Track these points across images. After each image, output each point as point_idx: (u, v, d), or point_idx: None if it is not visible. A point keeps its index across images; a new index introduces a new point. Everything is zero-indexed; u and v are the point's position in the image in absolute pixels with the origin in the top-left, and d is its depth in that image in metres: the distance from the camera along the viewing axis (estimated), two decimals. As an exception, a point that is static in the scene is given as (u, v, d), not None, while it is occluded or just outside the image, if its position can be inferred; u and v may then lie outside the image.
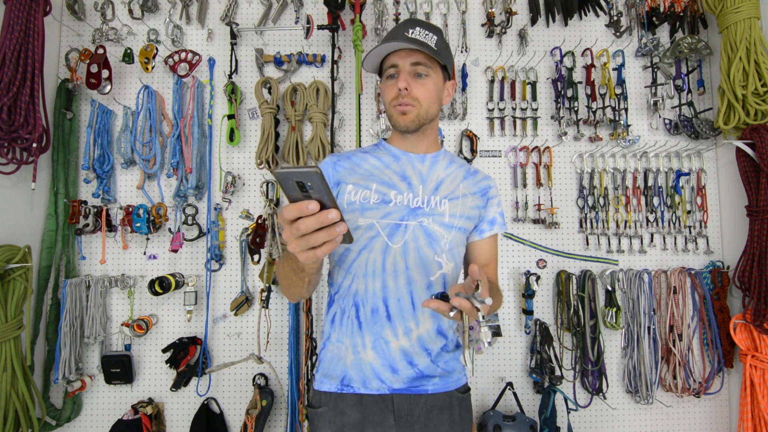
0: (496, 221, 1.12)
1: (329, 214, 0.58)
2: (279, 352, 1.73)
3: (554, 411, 1.62)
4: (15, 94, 1.45)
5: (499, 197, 1.14)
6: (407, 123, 1.03)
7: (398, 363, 0.99)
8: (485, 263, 1.12)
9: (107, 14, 1.78)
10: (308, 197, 0.59)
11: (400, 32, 1.02)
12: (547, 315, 1.78)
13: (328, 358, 1.04)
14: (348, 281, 1.03)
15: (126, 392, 1.71)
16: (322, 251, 0.62)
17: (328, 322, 1.07)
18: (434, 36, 1.04)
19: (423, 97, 1.03)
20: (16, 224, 1.56)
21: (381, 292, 1.00)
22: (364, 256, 1.01)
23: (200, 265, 1.74)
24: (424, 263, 1.01)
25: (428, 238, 1.02)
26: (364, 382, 1.00)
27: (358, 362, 1.00)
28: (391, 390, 1.00)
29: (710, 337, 1.70)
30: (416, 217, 1.02)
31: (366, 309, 1.00)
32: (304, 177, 0.56)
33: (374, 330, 0.99)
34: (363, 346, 1.00)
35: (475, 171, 1.15)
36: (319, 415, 1.01)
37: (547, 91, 1.84)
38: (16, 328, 1.44)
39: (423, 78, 1.03)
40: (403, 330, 0.99)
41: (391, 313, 0.99)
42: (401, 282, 1.00)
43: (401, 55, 1.03)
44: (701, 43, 1.74)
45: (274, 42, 1.82)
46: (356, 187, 1.04)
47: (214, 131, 1.77)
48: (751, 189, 1.58)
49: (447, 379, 1.04)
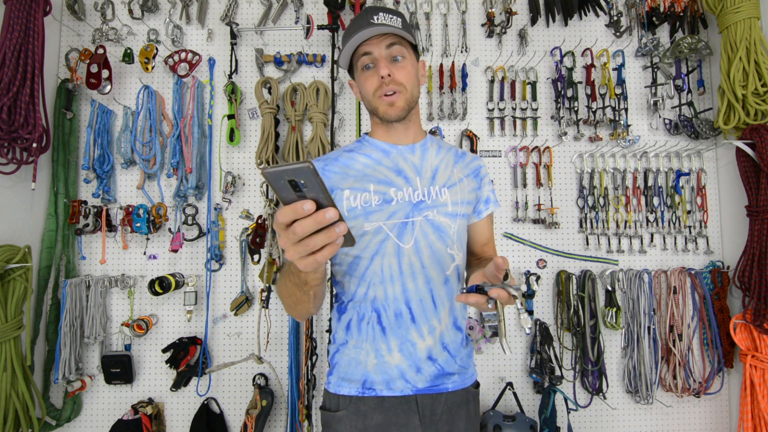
0: (491, 200, 1.13)
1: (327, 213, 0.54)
2: (279, 352, 1.73)
3: (554, 411, 1.62)
4: (15, 94, 1.45)
5: (489, 174, 1.14)
6: (398, 112, 1.00)
7: (423, 363, 0.99)
8: (485, 242, 1.12)
9: (107, 14, 1.78)
10: (303, 197, 0.54)
11: (364, 20, 0.99)
12: (547, 315, 1.78)
13: (345, 362, 1.02)
14: (363, 289, 1.00)
15: (126, 392, 1.71)
16: (322, 255, 0.57)
17: (342, 329, 1.04)
18: (398, 18, 1.01)
19: (406, 80, 1.00)
20: (16, 224, 1.56)
21: (402, 296, 0.98)
22: (378, 262, 0.98)
23: (200, 265, 1.74)
24: (438, 259, 1.00)
25: (437, 232, 1.01)
26: (387, 383, 0.99)
27: (381, 365, 0.98)
28: (415, 390, 0.99)
29: (710, 337, 1.70)
30: (420, 212, 1.00)
31: (389, 314, 0.98)
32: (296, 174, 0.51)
33: (399, 334, 0.98)
34: (388, 350, 0.98)
35: (463, 153, 1.15)
36: (338, 419, 0.99)
37: (547, 91, 1.84)
38: (16, 328, 1.44)
39: (401, 61, 1.00)
40: (428, 329, 0.99)
41: (415, 315, 0.98)
42: (420, 282, 0.99)
43: (373, 42, 0.99)
44: (701, 43, 1.74)
45: (274, 42, 1.82)
46: (354, 191, 1.00)
47: (214, 131, 1.77)
48: (751, 189, 1.58)
49: (464, 376, 1.05)
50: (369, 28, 0.97)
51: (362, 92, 1.05)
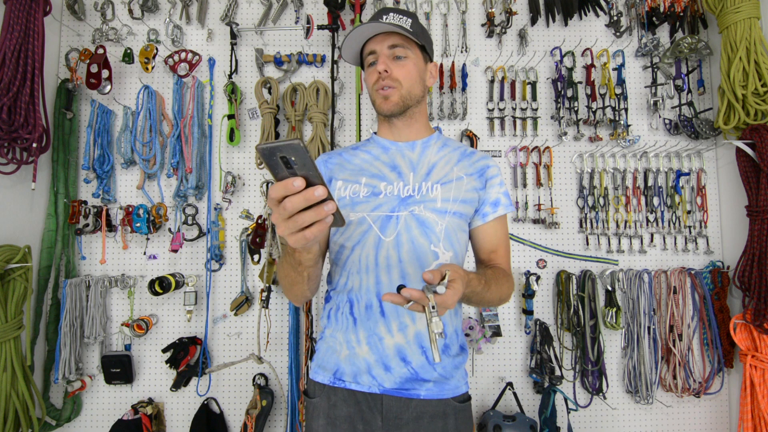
0: (500, 202, 1.05)
1: (316, 191, 0.57)
2: (279, 352, 1.73)
3: (554, 411, 1.62)
4: (15, 94, 1.45)
5: (501, 177, 1.07)
6: (391, 107, 1.03)
7: (392, 360, 0.96)
8: (493, 249, 1.05)
9: (107, 14, 1.78)
10: (294, 174, 0.57)
11: (374, 18, 1.04)
12: (547, 315, 1.78)
13: (324, 350, 1.04)
14: (344, 278, 1.02)
15: (126, 392, 1.71)
16: (311, 232, 0.60)
17: (325, 317, 1.07)
18: (408, 19, 1.04)
19: (403, 77, 1.02)
20: (16, 224, 1.56)
21: (374, 288, 0.97)
22: (357, 252, 0.99)
23: (200, 265, 1.74)
24: (418, 255, 0.98)
25: (421, 227, 0.98)
26: (355, 376, 0.98)
27: (351, 357, 0.99)
28: (382, 389, 0.96)
29: (710, 337, 1.70)
30: (407, 207, 0.99)
31: (360, 305, 0.99)
32: (287, 151, 0.54)
33: (368, 326, 0.98)
34: (357, 342, 0.98)
35: (473, 152, 1.11)
36: (314, 405, 1.01)
37: (547, 91, 1.84)
38: (16, 328, 1.44)
39: (402, 60, 1.03)
40: (397, 326, 0.96)
41: (385, 309, 0.97)
42: (395, 276, 0.97)
43: (378, 40, 1.03)
44: (701, 43, 1.74)
45: (274, 42, 1.82)
46: (345, 183, 1.03)
47: (214, 131, 1.77)
48: (751, 189, 1.58)
49: (443, 386, 0.98)
50: (374, 24, 1.01)
51: (366, 86, 1.09)
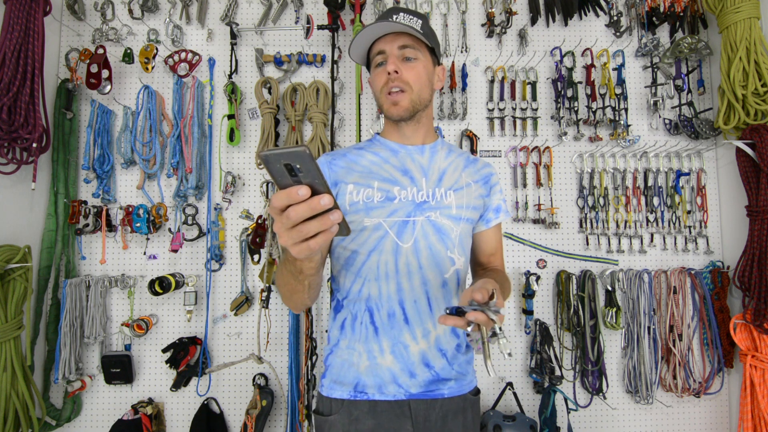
0: (501, 209, 1.10)
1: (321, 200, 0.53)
2: (279, 352, 1.73)
3: (554, 411, 1.62)
4: (15, 94, 1.45)
5: (500, 184, 1.13)
6: (400, 112, 1.00)
7: (417, 367, 0.97)
8: (492, 252, 1.10)
9: (107, 14, 1.78)
10: (298, 182, 0.54)
11: (384, 18, 1.01)
12: (547, 315, 1.78)
13: (338, 364, 1.01)
14: (358, 285, 0.99)
15: (126, 392, 1.71)
16: (315, 242, 0.56)
17: (336, 327, 1.03)
18: (419, 20, 1.01)
19: (414, 80, 0.99)
20: (16, 224, 1.56)
21: (396, 295, 0.96)
22: (375, 258, 0.97)
23: (200, 265, 1.74)
24: (437, 261, 0.98)
25: (438, 234, 0.99)
26: (379, 387, 0.97)
27: (373, 368, 0.97)
28: (408, 395, 0.97)
29: (710, 337, 1.70)
30: (423, 212, 0.99)
31: (381, 313, 0.97)
32: (292, 158, 0.51)
33: (392, 335, 0.96)
34: (380, 352, 0.97)
35: (475, 159, 1.14)
36: (330, 423, 0.97)
37: (547, 91, 1.84)
38: (16, 328, 1.44)
39: (412, 61, 1.00)
40: (421, 332, 0.97)
41: (409, 316, 0.96)
42: (416, 283, 0.97)
43: (387, 40, 1.00)
44: (701, 43, 1.74)
45: (274, 42, 1.82)
46: (357, 186, 0.99)
47: (214, 131, 1.77)
48: (751, 189, 1.58)
49: (461, 382, 1.02)
50: (385, 23, 0.97)
51: (373, 89, 1.06)
